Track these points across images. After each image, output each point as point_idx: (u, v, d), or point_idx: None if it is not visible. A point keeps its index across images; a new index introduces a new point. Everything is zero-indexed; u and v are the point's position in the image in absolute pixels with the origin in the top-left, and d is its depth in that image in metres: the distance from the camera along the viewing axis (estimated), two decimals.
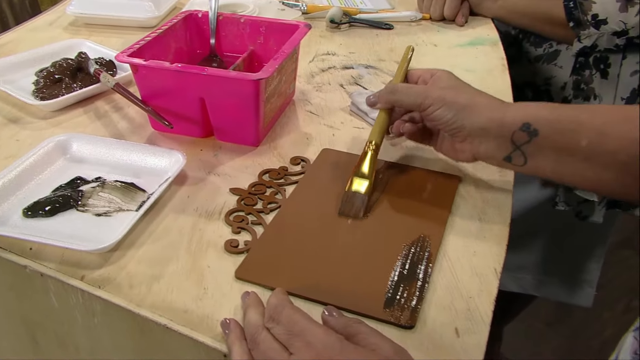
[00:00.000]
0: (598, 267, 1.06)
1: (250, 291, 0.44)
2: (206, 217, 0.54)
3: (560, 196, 0.96)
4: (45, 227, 0.51)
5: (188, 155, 0.60)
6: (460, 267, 0.48)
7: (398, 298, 0.45)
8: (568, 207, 0.96)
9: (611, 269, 1.40)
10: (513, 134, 0.48)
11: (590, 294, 1.07)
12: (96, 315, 0.47)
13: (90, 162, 0.60)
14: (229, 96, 0.60)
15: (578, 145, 0.47)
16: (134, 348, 0.47)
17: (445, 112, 0.51)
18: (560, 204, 0.96)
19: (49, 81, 0.72)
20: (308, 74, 0.80)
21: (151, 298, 0.45)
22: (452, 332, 0.43)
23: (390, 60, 0.84)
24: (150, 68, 0.61)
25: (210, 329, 0.43)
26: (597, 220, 0.96)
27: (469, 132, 0.51)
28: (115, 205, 0.54)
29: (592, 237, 1.04)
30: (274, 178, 0.59)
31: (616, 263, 1.42)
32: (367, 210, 0.54)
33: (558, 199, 0.96)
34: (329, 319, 0.40)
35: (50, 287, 0.48)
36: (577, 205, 0.95)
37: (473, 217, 0.54)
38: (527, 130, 0.48)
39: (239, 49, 0.74)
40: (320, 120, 0.70)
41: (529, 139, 0.48)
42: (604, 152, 0.46)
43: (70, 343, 0.52)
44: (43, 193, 0.55)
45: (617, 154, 0.45)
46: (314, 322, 0.39)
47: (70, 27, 0.94)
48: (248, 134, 0.64)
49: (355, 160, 0.61)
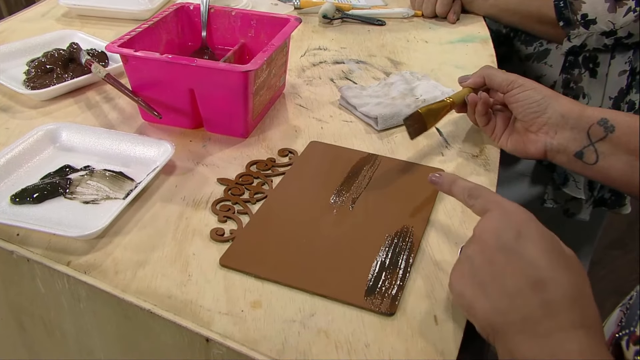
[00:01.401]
0: (586, 265, 1.08)
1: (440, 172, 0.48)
2: (193, 206, 0.54)
3: (549, 194, 0.97)
4: (32, 213, 0.52)
5: (177, 146, 0.61)
6: (441, 257, 0.49)
7: (379, 287, 0.46)
8: (556, 204, 0.97)
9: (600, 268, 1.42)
10: (590, 126, 0.50)
11: None
12: (82, 301, 0.48)
13: (79, 151, 0.61)
14: (218, 88, 0.61)
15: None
16: (118, 333, 0.48)
17: (534, 94, 0.55)
18: (548, 201, 0.97)
19: (40, 71, 0.73)
20: (299, 68, 0.81)
21: (136, 284, 0.46)
22: (432, 320, 0.44)
23: (380, 56, 0.85)
24: (140, 59, 0.62)
25: (194, 314, 0.44)
26: (584, 217, 0.97)
27: (549, 117, 0.54)
28: (103, 193, 0.55)
29: (580, 235, 1.05)
30: (261, 169, 0.60)
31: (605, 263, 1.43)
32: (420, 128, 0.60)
33: (546, 196, 0.97)
34: None
35: (37, 272, 0.48)
36: (565, 203, 0.97)
37: (456, 209, 0.55)
38: (605, 125, 0.50)
39: (230, 42, 0.75)
40: (310, 113, 0.70)
41: (605, 135, 0.49)
42: None
43: (56, 328, 0.53)
44: (31, 181, 0.55)
45: None
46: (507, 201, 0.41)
47: (63, 19, 0.94)
48: (237, 125, 0.64)
49: (343, 153, 0.62)
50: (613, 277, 1.35)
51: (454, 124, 0.68)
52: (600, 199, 0.98)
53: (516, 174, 1.01)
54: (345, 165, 0.60)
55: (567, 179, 0.94)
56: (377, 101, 0.69)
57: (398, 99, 0.69)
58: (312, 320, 0.43)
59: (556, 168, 0.95)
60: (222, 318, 0.43)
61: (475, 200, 0.43)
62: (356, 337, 0.42)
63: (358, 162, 0.60)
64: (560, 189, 0.95)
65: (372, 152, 0.62)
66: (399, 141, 0.65)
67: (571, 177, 0.94)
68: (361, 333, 0.42)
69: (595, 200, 0.98)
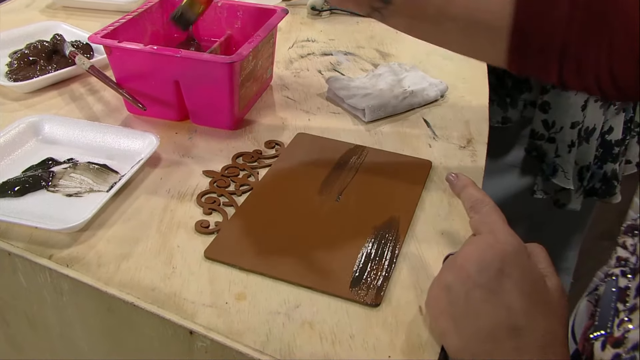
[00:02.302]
0: (575, 255, 1.08)
1: (457, 173, 0.46)
2: (178, 198, 0.54)
3: (538, 184, 0.97)
4: (14, 207, 0.51)
5: (163, 138, 0.60)
6: (427, 248, 0.49)
7: (365, 278, 0.46)
8: (546, 195, 0.97)
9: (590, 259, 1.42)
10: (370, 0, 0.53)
11: (567, 282, 1.09)
12: (64, 294, 0.47)
13: (62, 144, 0.60)
14: (203, 79, 0.61)
15: (426, 12, 0.52)
16: (102, 326, 0.48)
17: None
18: (538, 192, 0.97)
19: (23, 63, 0.72)
20: (287, 60, 0.81)
21: (119, 276, 0.45)
22: (417, 310, 0.44)
23: (369, 48, 0.84)
24: (124, 50, 0.61)
25: (178, 306, 0.43)
26: (574, 207, 0.97)
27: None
28: (87, 186, 0.54)
29: (570, 225, 1.06)
30: (247, 161, 0.59)
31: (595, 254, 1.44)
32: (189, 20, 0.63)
33: (536, 187, 0.97)
34: None
35: (19, 266, 0.48)
36: (554, 193, 0.97)
37: (442, 201, 0.55)
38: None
39: (217, 34, 0.74)
40: (297, 105, 0.70)
41: (384, 5, 0.53)
42: (448, 19, 0.51)
43: (40, 323, 0.52)
44: (13, 173, 0.55)
45: (457, 21, 0.51)
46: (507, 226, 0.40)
47: (48, 10, 0.93)
48: (223, 117, 0.64)
49: (330, 144, 0.61)
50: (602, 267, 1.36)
51: (442, 116, 0.68)
52: (591, 189, 0.98)
53: (506, 165, 1.01)
54: (332, 157, 0.59)
55: (555, 169, 0.94)
56: (365, 92, 0.68)
57: (386, 90, 0.69)
58: (297, 311, 0.43)
59: (545, 159, 0.95)
60: (206, 310, 0.43)
61: (475, 214, 0.42)
62: (341, 328, 0.42)
63: (345, 154, 0.60)
64: (550, 180, 0.95)
65: (360, 144, 0.62)
66: (387, 132, 0.65)
67: (560, 167, 0.94)
68: (346, 324, 0.42)
69: (586, 191, 0.98)
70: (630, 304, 0.37)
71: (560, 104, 0.89)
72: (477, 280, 0.37)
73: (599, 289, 0.47)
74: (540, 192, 0.97)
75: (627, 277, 0.39)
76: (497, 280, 0.37)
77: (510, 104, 0.94)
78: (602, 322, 0.40)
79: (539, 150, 0.95)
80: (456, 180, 0.45)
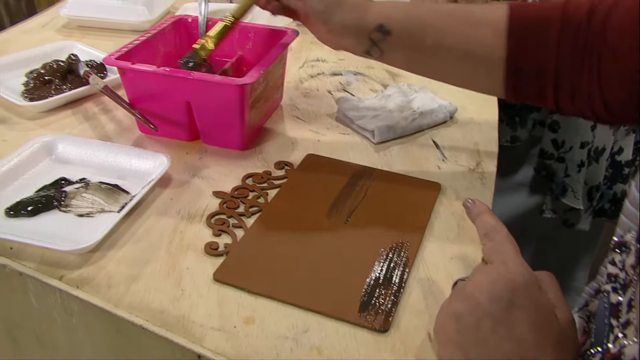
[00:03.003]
0: (585, 275, 1.07)
1: (474, 200, 0.45)
2: (188, 219, 0.54)
3: (547, 204, 0.96)
4: (27, 227, 0.51)
5: (174, 158, 0.60)
6: (436, 273, 0.49)
7: (373, 302, 0.45)
8: (555, 214, 0.96)
9: None
10: (370, 33, 0.54)
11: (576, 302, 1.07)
12: (74, 315, 0.47)
13: (75, 164, 0.60)
14: (214, 100, 0.61)
15: (424, 44, 0.53)
16: (110, 347, 0.48)
17: (318, 3, 0.55)
18: (547, 211, 0.96)
19: (39, 82, 0.73)
20: (297, 80, 0.81)
21: (129, 298, 0.45)
22: (425, 336, 0.43)
23: (379, 68, 0.85)
24: (137, 71, 0.61)
25: (186, 329, 0.43)
26: (583, 227, 0.96)
27: (334, 26, 0.55)
28: (98, 206, 0.55)
29: (580, 245, 1.05)
30: (257, 182, 0.59)
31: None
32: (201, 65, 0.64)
33: (545, 206, 0.96)
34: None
35: (30, 286, 0.48)
36: (563, 213, 0.96)
37: (452, 224, 0.54)
38: (381, 30, 0.54)
39: (228, 54, 0.75)
40: (307, 125, 0.70)
41: (383, 37, 0.54)
42: (445, 50, 0.53)
43: (49, 343, 0.52)
44: (27, 193, 0.55)
45: (453, 52, 0.53)
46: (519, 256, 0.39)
47: (63, 30, 0.94)
48: (233, 138, 0.64)
49: (339, 166, 0.61)
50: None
51: (451, 137, 0.68)
52: (600, 209, 0.97)
53: (514, 184, 1.00)
54: (341, 179, 0.59)
55: (565, 189, 0.93)
56: (374, 114, 0.68)
57: (395, 111, 0.69)
58: (305, 336, 0.43)
59: (554, 178, 0.94)
60: (215, 334, 0.43)
61: (488, 241, 0.41)
62: (349, 353, 0.42)
63: (354, 175, 0.60)
64: (559, 199, 0.94)
65: (369, 165, 0.62)
66: (396, 154, 0.64)
67: (569, 187, 0.93)
68: (354, 350, 0.42)
69: (595, 211, 0.97)
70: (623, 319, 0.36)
71: (570, 124, 0.88)
72: (487, 310, 0.36)
73: (589, 304, 0.47)
74: (549, 212, 0.96)
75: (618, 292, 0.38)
76: (507, 311, 0.36)
77: (519, 123, 0.94)
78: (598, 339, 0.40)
79: (548, 169, 0.95)
80: (472, 206, 0.45)
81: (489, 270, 0.38)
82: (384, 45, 0.54)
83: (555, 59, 0.49)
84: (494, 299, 0.36)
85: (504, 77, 0.52)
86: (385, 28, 0.54)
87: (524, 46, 0.51)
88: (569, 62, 0.49)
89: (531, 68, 0.51)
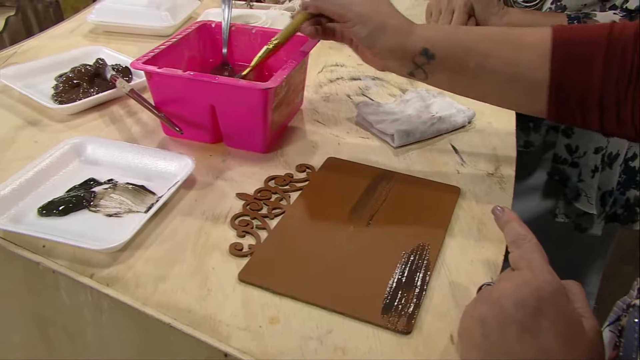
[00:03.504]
0: (598, 279, 1.05)
1: (503, 207, 0.44)
2: (212, 220, 0.54)
3: (560, 208, 0.95)
4: (58, 225, 0.52)
5: (197, 160, 0.60)
6: (457, 276, 0.48)
7: (396, 304, 0.45)
8: (567, 219, 0.95)
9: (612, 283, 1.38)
10: (414, 57, 0.54)
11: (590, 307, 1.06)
12: (104, 312, 0.47)
13: (103, 165, 0.61)
14: (238, 104, 0.61)
15: (467, 66, 0.53)
16: (139, 345, 0.48)
17: (362, 29, 0.55)
18: (560, 216, 0.95)
19: (68, 86, 0.73)
20: (316, 84, 0.81)
21: (157, 297, 0.45)
22: (448, 338, 0.43)
23: None
24: (164, 75, 0.62)
25: (213, 328, 0.43)
26: (596, 232, 0.95)
27: (379, 51, 0.56)
28: (126, 206, 0.55)
29: (592, 250, 1.03)
30: (279, 184, 0.59)
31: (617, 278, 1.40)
32: None
33: (558, 211, 0.95)
34: None
35: (61, 284, 0.48)
36: (576, 217, 0.95)
37: (472, 227, 0.54)
38: (426, 55, 0.54)
39: (250, 58, 0.74)
40: (327, 129, 0.70)
41: (428, 61, 0.54)
42: (488, 72, 0.53)
43: (79, 338, 0.52)
44: (57, 193, 0.56)
45: (497, 74, 0.52)
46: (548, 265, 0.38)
47: (90, 35, 0.95)
48: (256, 141, 0.64)
49: (360, 169, 0.61)
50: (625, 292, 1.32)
51: (469, 142, 0.67)
52: (613, 214, 0.96)
53: (528, 188, 0.99)
54: (362, 182, 0.59)
55: (578, 194, 0.92)
56: (394, 118, 0.68)
57: (414, 116, 0.68)
58: (329, 337, 0.43)
59: (568, 183, 0.93)
60: (241, 333, 0.43)
61: (516, 249, 0.40)
62: (373, 355, 0.41)
63: (375, 179, 0.60)
64: (572, 204, 0.93)
65: (389, 169, 0.61)
66: (415, 158, 0.64)
67: (583, 192, 0.92)
68: (378, 351, 0.42)
69: (607, 216, 0.96)
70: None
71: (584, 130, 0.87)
72: (513, 316, 0.35)
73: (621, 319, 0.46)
74: (562, 216, 0.95)
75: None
76: (534, 318, 0.35)
77: (533, 129, 0.93)
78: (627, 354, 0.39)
79: (561, 174, 0.94)
80: (502, 214, 0.43)
81: (515, 276, 0.38)
82: (428, 68, 0.54)
83: (601, 83, 0.48)
84: (520, 305, 0.35)
85: (548, 99, 0.51)
86: (430, 52, 0.54)
87: (569, 69, 0.50)
88: (615, 87, 0.48)
89: (576, 91, 0.50)
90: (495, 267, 0.49)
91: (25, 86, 0.74)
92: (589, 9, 0.84)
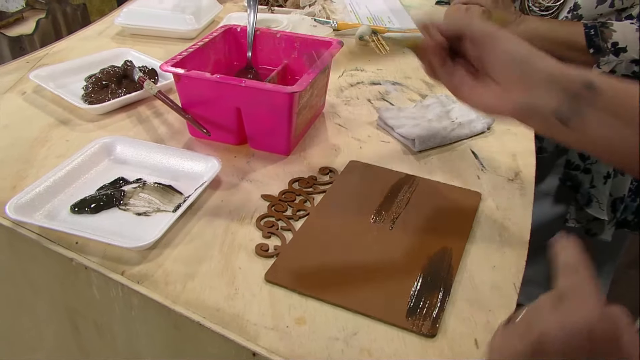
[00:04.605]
0: (607, 284, 1.03)
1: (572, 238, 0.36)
2: (238, 221, 0.53)
3: (571, 213, 0.94)
4: (90, 223, 0.51)
5: (223, 161, 0.60)
6: (480, 281, 0.47)
7: (420, 308, 0.44)
8: (578, 224, 0.94)
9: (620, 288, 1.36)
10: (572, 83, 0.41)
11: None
12: (134, 309, 0.47)
13: (132, 164, 0.60)
14: (263, 107, 0.60)
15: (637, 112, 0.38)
16: (167, 341, 0.47)
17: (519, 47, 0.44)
18: (570, 221, 0.94)
19: (97, 87, 0.73)
20: (337, 88, 0.80)
21: (185, 295, 0.45)
22: (472, 343, 0.42)
23: (416, 78, 0.83)
24: (191, 78, 0.61)
25: (240, 327, 0.42)
26: (606, 238, 0.93)
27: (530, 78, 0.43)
28: (154, 205, 0.54)
29: (602, 255, 1.02)
30: (303, 186, 0.58)
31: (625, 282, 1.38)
32: None
33: (569, 216, 0.94)
34: None
35: (93, 279, 0.48)
36: (587, 223, 0.93)
37: (493, 232, 0.53)
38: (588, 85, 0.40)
39: (274, 62, 0.74)
40: (349, 133, 0.69)
41: (588, 94, 0.40)
42: None
43: (108, 332, 0.52)
44: (89, 191, 0.55)
45: None
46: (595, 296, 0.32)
47: (117, 37, 0.95)
48: (280, 143, 0.63)
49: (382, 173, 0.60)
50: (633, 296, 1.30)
51: (489, 148, 0.66)
52: (623, 220, 0.94)
53: (539, 193, 0.97)
54: (384, 186, 0.58)
55: (590, 199, 0.90)
56: (414, 123, 0.67)
57: (434, 121, 0.67)
58: (355, 338, 0.42)
59: (580, 189, 0.91)
60: (268, 333, 0.42)
61: (564, 278, 0.33)
62: (399, 357, 0.40)
63: (397, 183, 0.59)
64: (583, 209, 0.91)
65: (410, 173, 0.60)
66: (436, 163, 0.63)
67: (594, 198, 0.90)
68: (403, 353, 0.41)
69: (618, 222, 0.94)
70: None
71: None
72: None
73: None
74: (573, 221, 0.94)
75: None
76: None
77: None
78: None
79: (574, 180, 0.92)
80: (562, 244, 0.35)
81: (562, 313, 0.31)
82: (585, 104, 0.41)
83: None
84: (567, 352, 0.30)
85: None
86: (595, 84, 0.40)
87: None
88: None
89: None
90: (517, 272, 0.48)
91: (57, 86, 0.73)
92: (605, 19, 0.83)
